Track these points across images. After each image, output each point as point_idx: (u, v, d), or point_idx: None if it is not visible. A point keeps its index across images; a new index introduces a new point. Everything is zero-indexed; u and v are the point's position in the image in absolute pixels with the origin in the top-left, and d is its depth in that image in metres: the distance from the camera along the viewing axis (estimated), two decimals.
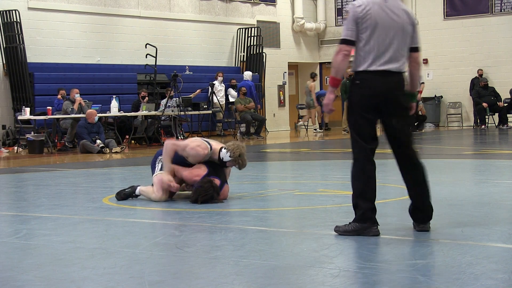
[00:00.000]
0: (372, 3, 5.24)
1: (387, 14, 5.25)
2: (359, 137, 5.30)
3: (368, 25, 5.21)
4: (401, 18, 5.29)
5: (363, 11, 5.21)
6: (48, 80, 18.37)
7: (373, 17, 5.21)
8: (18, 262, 4.76)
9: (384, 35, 5.22)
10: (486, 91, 23.06)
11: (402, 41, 5.29)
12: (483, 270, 4.12)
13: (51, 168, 12.49)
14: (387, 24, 5.23)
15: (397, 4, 5.32)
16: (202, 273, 4.30)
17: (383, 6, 5.25)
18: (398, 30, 5.26)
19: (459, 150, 14.48)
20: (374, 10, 5.22)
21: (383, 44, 5.22)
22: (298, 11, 25.73)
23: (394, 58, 5.26)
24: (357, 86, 5.26)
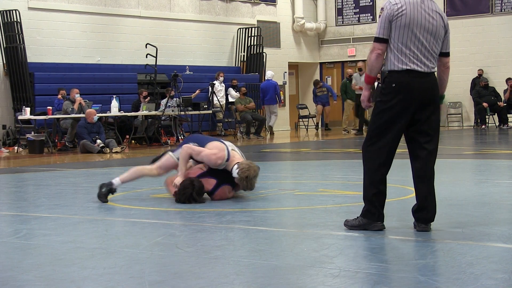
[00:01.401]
0: (408, 3, 5.24)
1: (422, 14, 5.25)
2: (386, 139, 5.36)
3: (402, 24, 5.20)
4: (436, 21, 5.31)
5: (399, 9, 5.21)
6: (48, 80, 18.38)
7: (409, 17, 5.20)
8: (18, 262, 4.76)
9: (420, 36, 5.23)
10: (486, 91, 23.05)
11: (435, 42, 5.32)
12: (483, 270, 4.11)
13: (51, 168, 12.49)
14: (422, 25, 5.24)
15: (433, 6, 5.34)
16: (202, 273, 4.30)
17: (419, 6, 5.25)
18: (431, 32, 5.28)
19: (459, 150, 14.48)
20: (409, 9, 5.22)
21: (417, 44, 5.22)
22: (298, 11, 25.74)
23: (427, 60, 5.29)
24: (393, 88, 5.25)
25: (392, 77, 5.27)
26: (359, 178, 9.22)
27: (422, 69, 5.28)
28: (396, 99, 5.24)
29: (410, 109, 5.27)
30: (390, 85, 5.26)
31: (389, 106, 5.27)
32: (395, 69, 5.25)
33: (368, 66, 5.32)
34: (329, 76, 27.42)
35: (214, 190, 7.28)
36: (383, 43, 5.24)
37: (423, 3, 5.29)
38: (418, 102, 5.27)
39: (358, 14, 26.24)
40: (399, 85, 5.24)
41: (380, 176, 5.46)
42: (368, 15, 25.98)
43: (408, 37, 5.22)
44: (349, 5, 26.36)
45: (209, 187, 7.27)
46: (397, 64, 5.24)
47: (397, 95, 5.24)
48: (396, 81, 5.24)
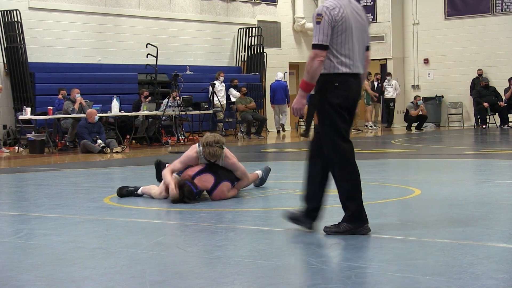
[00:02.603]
0: (343, 5, 5.21)
1: (355, 15, 5.27)
2: (341, 140, 5.23)
3: (343, 28, 5.17)
4: (363, 19, 5.36)
5: (339, 14, 5.16)
6: (49, 80, 18.38)
7: (348, 20, 5.19)
8: (18, 262, 4.76)
9: (356, 37, 5.24)
10: (487, 91, 23.06)
11: (365, 42, 5.37)
12: (484, 270, 4.11)
13: (52, 168, 12.49)
14: (356, 26, 5.25)
15: (358, 4, 5.38)
16: (203, 272, 4.30)
17: (350, 8, 5.25)
18: (363, 31, 5.33)
19: (460, 150, 14.48)
20: (346, 12, 5.21)
21: (355, 46, 5.24)
22: (299, 11, 25.73)
23: (361, 60, 5.32)
24: (336, 88, 5.19)
25: (334, 78, 5.19)
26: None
27: (358, 70, 5.30)
28: (340, 100, 5.20)
29: (347, 110, 5.26)
30: (332, 85, 5.20)
31: (332, 108, 5.21)
32: (338, 72, 5.19)
33: (310, 73, 5.12)
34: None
35: (213, 188, 7.27)
36: (325, 50, 5.13)
37: (351, 2, 5.30)
38: (353, 102, 5.29)
39: None
40: (342, 85, 5.20)
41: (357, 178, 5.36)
42: (369, 15, 25.88)
43: (349, 39, 5.20)
44: None
45: (208, 185, 7.27)
46: (340, 67, 5.18)
47: (341, 96, 5.20)
48: (339, 81, 5.20)
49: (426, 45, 25.41)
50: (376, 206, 6.74)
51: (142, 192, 7.64)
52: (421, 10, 25.50)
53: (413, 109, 23.40)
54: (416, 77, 25.83)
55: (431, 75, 25.52)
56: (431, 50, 25.34)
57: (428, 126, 24.17)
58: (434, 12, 25.19)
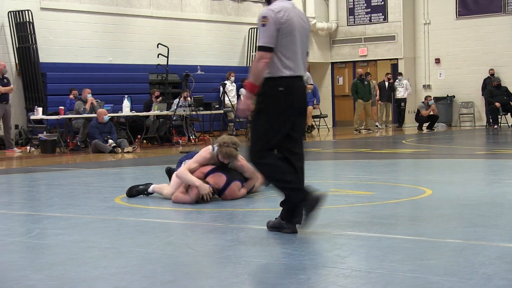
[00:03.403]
0: (288, 9, 5.29)
1: (298, 20, 5.35)
2: (273, 142, 5.30)
3: (288, 31, 5.24)
4: (306, 24, 5.44)
5: (284, 17, 5.23)
6: (60, 80, 18.45)
7: (292, 23, 5.26)
8: (30, 261, 4.78)
9: (299, 41, 5.33)
10: (498, 90, 22.96)
11: (307, 46, 5.47)
12: (496, 270, 4.10)
13: (63, 167, 12.53)
14: (299, 30, 5.33)
15: (301, 10, 5.50)
16: (213, 272, 4.30)
17: (294, 12, 5.34)
18: (305, 36, 5.42)
19: (471, 150, 14.43)
20: (291, 16, 5.28)
21: (298, 49, 5.32)
22: (309, 11, 25.71)
23: (303, 63, 5.42)
24: (281, 92, 5.25)
25: (278, 82, 5.24)
26: (371, 178, 9.23)
27: (302, 73, 5.37)
28: (284, 104, 5.25)
29: (293, 114, 5.32)
30: (277, 89, 5.24)
31: (276, 111, 5.25)
32: (283, 75, 5.24)
33: (255, 75, 5.19)
34: (341, 76, 27.39)
35: (225, 188, 7.28)
36: (270, 51, 5.18)
37: (294, 7, 5.39)
38: (299, 106, 5.36)
39: (369, 14, 26.19)
40: (287, 89, 5.26)
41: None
42: (380, 14, 25.92)
43: (293, 43, 5.28)
44: (361, 5, 26.32)
45: (220, 184, 7.28)
46: (284, 70, 5.24)
47: (284, 100, 5.26)
48: (283, 85, 5.25)
49: (438, 44, 25.33)
50: (388, 206, 6.73)
51: (153, 191, 7.65)
52: (432, 10, 25.42)
53: (424, 109, 23.34)
54: (427, 77, 25.75)
55: (442, 75, 25.43)
56: (443, 50, 25.26)
57: (439, 126, 24.09)
58: (446, 12, 25.11)
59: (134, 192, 7.69)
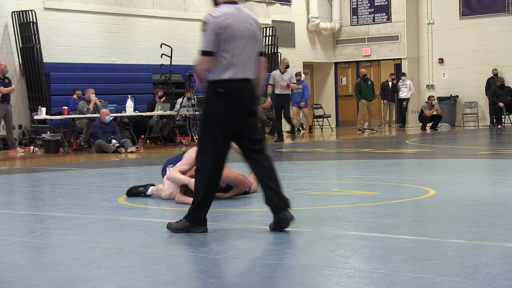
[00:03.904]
0: (229, 14, 5.42)
1: (242, 23, 5.45)
2: (216, 146, 5.40)
3: (229, 35, 5.37)
4: (253, 27, 5.52)
5: (223, 22, 5.37)
6: (63, 80, 18.47)
7: (233, 28, 5.39)
8: (34, 261, 4.79)
9: (243, 44, 5.42)
10: (502, 90, 22.94)
11: (255, 49, 5.54)
12: (500, 270, 4.09)
13: (66, 167, 12.54)
14: (244, 34, 5.44)
15: (248, 13, 5.59)
16: (217, 272, 4.30)
17: (237, 15, 5.46)
18: (253, 39, 5.50)
19: (475, 150, 14.41)
20: (232, 20, 5.40)
21: (243, 53, 5.42)
22: (313, 11, 25.72)
23: (251, 66, 5.49)
24: (222, 94, 5.38)
25: (221, 84, 5.38)
26: (374, 178, 9.23)
27: (248, 76, 5.47)
28: (226, 106, 5.38)
29: (239, 115, 5.42)
30: (218, 92, 5.38)
31: (218, 113, 5.37)
32: (224, 78, 5.37)
33: (198, 76, 5.48)
34: (344, 76, 27.39)
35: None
36: (210, 56, 5.35)
37: (239, 11, 5.50)
38: (246, 108, 5.46)
39: (373, 14, 26.18)
40: (228, 91, 5.38)
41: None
42: (383, 14, 25.91)
43: (236, 47, 5.39)
44: (364, 5, 26.31)
45: None
46: (226, 73, 5.37)
47: (226, 102, 5.38)
48: (225, 87, 5.38)
49: (441, 44, 25.31)
50: (391, 206, 6.73)
51: (151, 193, 7.65)
52: (435, 10, 25.40)
53: (427, 109, 23.32)
54: (430, 77, 25.74)
55: (445, 74, 25.41)
56: (446, 50, 25.24)
57: (442, 126, 24.08)
58: (449, 12, 25.09)
59: (134, 193, 7.70)
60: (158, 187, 7.63)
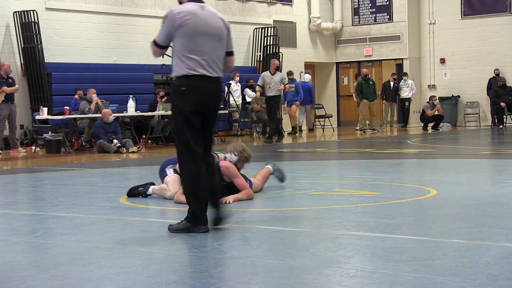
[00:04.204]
0: (191, 11, 5.47)
1: (205, 21, 5.49)
2: (188, 143, 5.47)
3: (188, 32, 5.42)
4: (217, 25, 5.57)
5: (182, 18, 5.42)
6: (65, 80, 18.47)
7: (192, 25, 5.43)
8: (35, 261, 4.79)
9: (204, 42, 5.47)
10: (504, 90, 22.92)
11: (219, 47, 5.59)
12: (501, 270, 4.09)
13: (68, 167, 12.55)
14: (205, 32, 5.48)
15: (213, 12, 5.63)
16: (218, 272, 4.30)
17: (200, 13, 5.49)
18: (218, 37, 5.56)
19: (476, 150, 14.41)
20: (192, 18, 5.44)
21: (203, 50, 5.47)
22: (314, 11, 25.71)
23: (214, 64, 5.53)
24: (184, 91, 5.47)
25: (181, 82, 5.48)
26: (375, 178, 9.23)
27: (210, 73, 5.52)
28: (188, 102, 5.46)
29: (200, 111, 5.49)
30: (180, 89, 5.48)
31: (183, 109, 5.46)
32: (185, 74, 5.46)
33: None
34: (345, 76, 27.38)
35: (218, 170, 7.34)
36: (160, 48, 5.53)
37: (203, 9, 5.54)
38: (207, 105, 5.52)
39: (374, 14, 26.17)
40: (189, 88, 5.46)
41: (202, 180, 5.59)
42: (385, 14, 25.90)
43: (194, 43, 5.45)
44: (366, 5, 26.30)
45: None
46: (186, 70, 5.45)
47: (188, 98, 5.46)
48: (186, 85, 5.46)
49: (443, 44, 25.30)
50: (392, 206, 6.73)
51: (153, 192, 7.65)
52: (437, 10, 25.39)
53: (429, 109, 23.31)
54: (432, 76, 25.72)
55: (447, 74, 25.40)
56: (448, 50, 25.23)
57: (444, 126, 24.07)
58: (451, 12, 25.07)
59: (135, 194, 7.69)
60: (161, 187, 7.63)
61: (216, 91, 5.62)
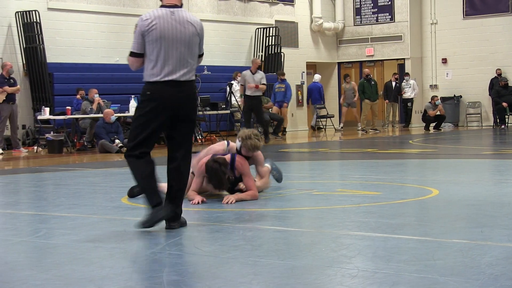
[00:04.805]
0: (158, 17, 5.54)
1: (174, 26, 5.54)
2: (139, 142, 5.60)
3: (154, 38, 5.51)
4: (187, 30, 5.59)
5: (149, 24, 5.51)
6: (67, 80, 18.49)
7: (159, 30, 5.50)
8: (37, 261, 4.80)
9: (171, 47, 5.52)
10: (506, 90, 22.91)
11: (190, 51, 5.61)
12: (503, 270, 4.09)
13: (70, 167, 12.56)
14: (173, 37, 5.53)
15: (184, 16, 5.64)
16: (220, 272, 4.30)
17: (170, 19, 5.55)
18: (183, 41, 5.57)
19: (478, 150, 14.40)
20: (160, 23, 5.51)
21: (171, 55, 5.52)
22: (316, 11, 25.71)
23: (181, 68, 5.57)
24: (148, 95, 5.57)
25: (148, 86, 5.57)
26: (377, 178, 9.23)
27: (177, 78, 5.55)
28: (150, 107, 5.55)
29: (163, 116, 5.56)
30: (145, 93, 5.59)
31: (144, 113, 5.57)
32: (151, 80, 5.55)
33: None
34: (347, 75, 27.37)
35: (233, 163, 7.34)
36: (137, 57, 5.62)
37: (173, 14, 5.58)
38: (172, 110, 5.57)
39: (376, 14, 26.16)
40: (154, 93, 5.54)
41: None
42: (387, 14, 25.90)
43: (161, 49, 5.52)
44: (367, 5, 26.29)
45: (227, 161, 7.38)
46: (153, 75, 5.53)
47: (151, 103, 5.55)
48: (151, 89, 5.55)
49: (444, 44, 25.29)
50: (394, 206, 6.72)
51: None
52: (439, 10, 25.38)
53: (431, 109, 23.30)
54: (434, 77, 25.72)
55: (449, 74, 25.39)
56: (450, 50, 25.22)
57: (446, 126, 24.06)
58: (453, 12, 25.06)
59: (135, 193, 7.64)
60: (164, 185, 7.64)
61: (182, 96, 5.61)
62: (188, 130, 5.71)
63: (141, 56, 5.60)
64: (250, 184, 7.35)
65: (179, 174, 5.76)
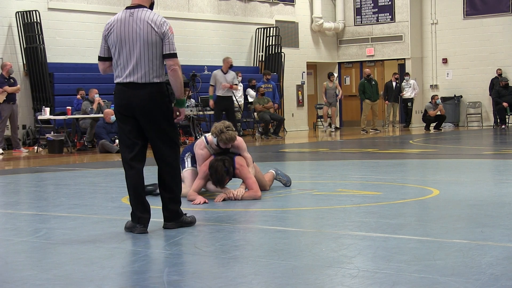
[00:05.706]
0: (118, 20, 5.61)
1: (131, 27, 5.55)
2: (121, 146, 5.72)
3: (113, 41, 5.59)
4: (144, 29, 5.56)
5: (109, 29, 5.62)
6: (67, 80, 18.49)
7: (116, 33, 5.57)
8: (38, 261, 4.80)
9: (128, 49, 5.56)
10: (506, 90, 22.91)
11: (148, 52, 5.58)
12: (504, 270, 4.09)
13: (70, 167, 12.56)
14: (131, 38, 5.56)
15: (143, 15, 5.60)
16: (220, 272, 4.30)
17: (127, 20, 5.58)
18: (142, 41, 5.56)
19: (479, 150, 14.40)
20: (117, 26, 5.58)
21: (128, 57, 5.57)
22: (316, 11, 25.71)
23: (140, 70, 5.57)
24: (114, 96, 5.73)
25: (115, 88, 5.71)
26: (378, 178, 9.23)
27: (135, 80, 5.58)
28: (117, 109, 5.70)
29: (130, 118, 5.62)
30: (114, 94, 5.74)
31: (116, 114, 5.71)
32: (115, 82, 5.69)
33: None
34: (348, 76, 27.38)
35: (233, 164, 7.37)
36: (102, 61, 5.74)
37: (132, 15, 5.59)
38: (133, 111, 5.60)
39: (376, 14, 26.17)
40: (116, 94, 5.67)
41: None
42: (387, 14, 25.90)
43: (121, 51, 5.58)
44: (368, 5, 26.30)
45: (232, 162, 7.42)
46: (117, 77, 5.65)
47: (117, 106, 5.69)
48: (115, 91, 5.69)
49: (445, 44, 25.29)
50: (395, 206, 6.72)
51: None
52: (439, 10, 25.38)
53: (431, 109, 23.30)
54: (434, 77, 25.72)
55: (449, 74, 25.39)
56: (450, 50, 25.22)
57: (446, 126, 24.06)
58: (453, 12, 25.06)
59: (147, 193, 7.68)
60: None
61: (143, 98, 5.58)
62: (157, 134, 5.65)
63: (106, 60, 5.70)
64: (251, 184, 7.35)
65: (163, 182, 5.83)
